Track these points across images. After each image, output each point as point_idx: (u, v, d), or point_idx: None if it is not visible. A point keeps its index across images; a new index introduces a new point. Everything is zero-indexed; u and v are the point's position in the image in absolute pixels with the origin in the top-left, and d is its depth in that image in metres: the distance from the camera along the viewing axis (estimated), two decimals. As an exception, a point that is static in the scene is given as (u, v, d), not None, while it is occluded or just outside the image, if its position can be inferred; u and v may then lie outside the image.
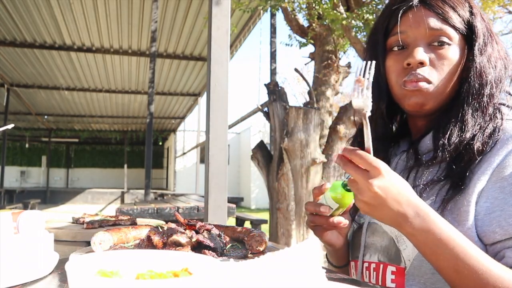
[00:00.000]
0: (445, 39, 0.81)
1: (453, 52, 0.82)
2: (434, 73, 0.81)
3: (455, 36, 0.81)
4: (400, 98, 0.86)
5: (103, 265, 0.43)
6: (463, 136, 0.79)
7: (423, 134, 0.88)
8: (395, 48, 0.86)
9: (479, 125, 0.79)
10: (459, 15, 0.82)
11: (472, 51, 0.82)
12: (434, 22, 0.81)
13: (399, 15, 0.84)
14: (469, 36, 0.83)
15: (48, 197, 17.21)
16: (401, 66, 0.83)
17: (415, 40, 0.83)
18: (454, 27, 0.81)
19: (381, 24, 0.90)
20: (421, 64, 0.81)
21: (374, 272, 0.87)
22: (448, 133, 0.80)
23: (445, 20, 0.81)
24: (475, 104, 0.80)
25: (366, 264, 0.90)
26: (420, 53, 0.81)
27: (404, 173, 0.87)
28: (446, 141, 0.79)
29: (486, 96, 0.80)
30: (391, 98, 0.90)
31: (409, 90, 0.82)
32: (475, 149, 0.76)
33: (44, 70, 10.27)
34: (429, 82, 0.81)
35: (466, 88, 0.81)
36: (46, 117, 16.45)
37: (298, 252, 0.47)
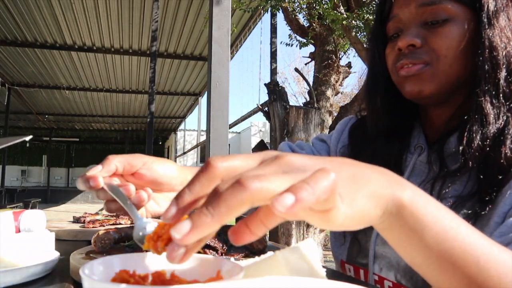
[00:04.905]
0: (441, 14, 0.68)
1: (454, 28, 0.67)
2: (432, 54, 0.68)
3: (456, 9, 0.68)
4: (399, 87, 0.75)
5: (120, 267, 0.41)
6: (486, 132, 0.63)
7: (445, 131, 0.72)
8: (393, 36, 0.75)
9: (505, 116, 0.64)
10: None
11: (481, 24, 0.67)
12: None
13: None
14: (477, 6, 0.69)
15: (49, 196, 17.21)
16: (396, 52, 0.73)
17: (408, 22, 0.72)
18: None
19: (377, 11, 0.80)
20: (413, 46, 0.69)
21: None
22: (467, 129, 0.64)
23: None
24: (491, 89, 0.64)
25: (376, 277, 0.74)
26: (408, 35, 0.69)
27: (426, 182, 0.71)
28: (466, 141, 0.64)
29: (504, 79, 0.64)
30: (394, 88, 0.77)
31: (402, 77, 0.71)
32: (506, 151, 0.60)
33: (45, 70, 10.27)
34: (426, 63, 0.69)
35: (480, 70, 0.65)
36: (47, 116, 16.44)
37: (297, 252, 0.47)
